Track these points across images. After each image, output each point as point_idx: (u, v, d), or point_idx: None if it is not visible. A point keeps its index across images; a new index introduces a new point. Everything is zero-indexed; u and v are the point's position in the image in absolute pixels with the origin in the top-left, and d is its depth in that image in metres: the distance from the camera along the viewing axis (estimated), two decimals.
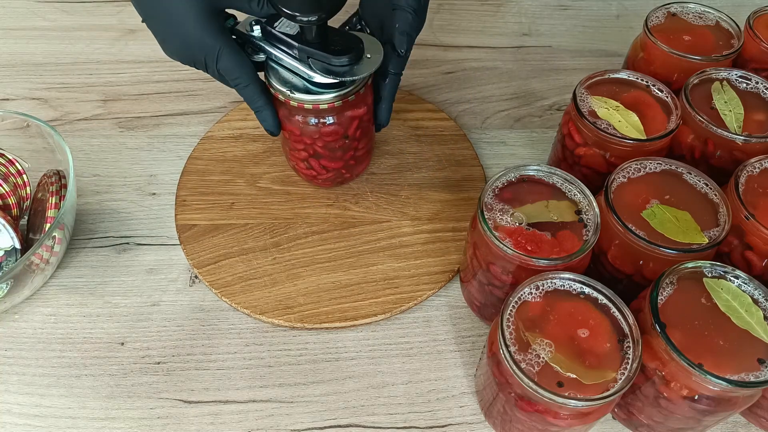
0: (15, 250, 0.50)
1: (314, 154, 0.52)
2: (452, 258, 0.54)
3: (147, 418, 0.46)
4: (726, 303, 0.39)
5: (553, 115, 0.67)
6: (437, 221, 0.57)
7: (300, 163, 0.55)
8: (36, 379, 0.48)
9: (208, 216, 0.57)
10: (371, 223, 0.57)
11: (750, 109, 0.50)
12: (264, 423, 0.46)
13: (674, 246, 0.41)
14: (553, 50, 0.75)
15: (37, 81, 0.69)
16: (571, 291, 0.40)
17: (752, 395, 0.38)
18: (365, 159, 0.57)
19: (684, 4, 0.59)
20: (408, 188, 0.59)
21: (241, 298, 0.51)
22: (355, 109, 0.50)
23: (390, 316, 0.51)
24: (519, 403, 0.38)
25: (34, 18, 0.77)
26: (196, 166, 0.61)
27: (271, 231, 0.56)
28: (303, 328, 0.50)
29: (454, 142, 0.63)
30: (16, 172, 0.54)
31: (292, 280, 0.52)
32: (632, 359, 0.36)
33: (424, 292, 0.52)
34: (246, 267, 0.53)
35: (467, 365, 0.49)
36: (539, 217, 0.43)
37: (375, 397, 0.47)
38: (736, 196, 0.43)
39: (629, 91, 0.51)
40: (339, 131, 0.50)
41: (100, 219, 0.57)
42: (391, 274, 0.53)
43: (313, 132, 0.50)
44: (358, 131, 0.51)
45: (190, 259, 0.54)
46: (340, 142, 0.52)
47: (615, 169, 0.46)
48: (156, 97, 0.68)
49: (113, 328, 0.50)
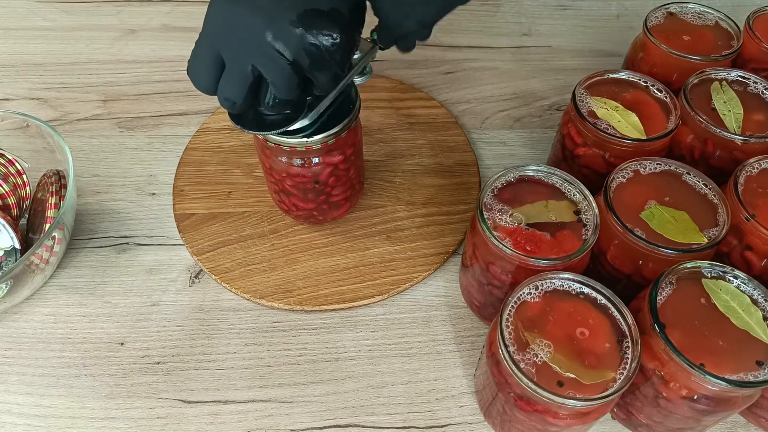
0: (15, 250, 0.51)
1: (284, 190, 0.50)
2: (446, 240, 0.55)
3: (147, 418, 0.46)
4: (725, 303, 0.39)
5: (553, 115, 0.67)
6: (431, 205, 0.58)
7: (274, 195, 0.53)
8: (36, 379, 0.48)
9: (206, 205, 0.57)
10: (367, 208, 0.57)
11: (749, 110, 0.50)
12: (263, 423, 0.46)
13: (673, 246, 0.41)
14: (552, 50, 0.75)
15: (37, 81, 0.69)
16: (571, 291, 0.40)
17: (751, 395, 0.38)
18: (343, 205, 0.54)
19: (683, 4, 0.59)
20: (402, 174, 0.60)
21: (241, 284, 0.52)
22: (328, 157, 0.47)
23: (387, 297, 0.52)
24: (518, 403, 0.38)
25: (34, 18, 0.77)
26: (192, 157, 0.61)
27: (268, 218, 0.56)
28: (302, 310, 0.51)
29: (446, 128, 0.64)
30: (15, 172, 0.54)
31: (290, 265, 0.53)
32: (631, 359, 0.36)
33: (420, 274, 0.53)
34: (245, 253, 0.54)
35: (467, 365, 0.49)
36: (538, 217, 0.43)
37: (374, 397, 0.47)
38: (736, 197, 0.43)
39: (629, 91, 0.51)
40: (308, 175, 0.48)
41: (100, 219, 0.58)
42: (388, 257, 0.54)
43: (281, 170, 0.48)
44: (331, 178, 0.49)
45: (189, 247, 0.54)
46: (310, 186, 0.49)
47: (614, 169, 0.46)
48: (156, 97, 0.68)
49: (113, 328, 0.50)
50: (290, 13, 0.37)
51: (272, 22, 0.37)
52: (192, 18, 0.77)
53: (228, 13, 0.38)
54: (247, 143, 0.62)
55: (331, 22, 0.38)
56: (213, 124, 0.64)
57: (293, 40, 0.37)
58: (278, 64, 0.38)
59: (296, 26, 0.37)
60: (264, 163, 0.50)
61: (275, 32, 0.37)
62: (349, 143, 0.48)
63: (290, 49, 0.37)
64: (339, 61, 0.39)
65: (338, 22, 0.38)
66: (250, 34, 0.37)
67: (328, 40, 0.38)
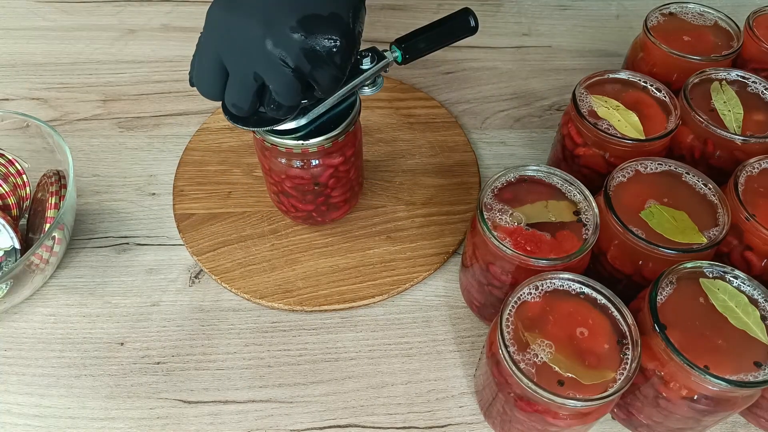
0: (15, 250, 0.50)
1: (283, 191, 0.50)
2: (447, 240, 0.55)
3: (147, 418, 0.46)
4: (722, 303, 0.39)
5: (553, 115, 0.67)
6: (431, 205, 0.58)
7: (273, 196, 0.54)
8: (36, 379, 0.48)
9: (206, 205, 0.57)
10: (366, 208, 0.57)
11: (749, 110, 0.50)
12: (263, 423, 0.46)
13: (673, 246, 0.41)
14: (552, 50, 0.75)
15: (37, 81, 0.69)
16: (571, 291, 0.40)
17: (751, 395, 0.38)
18: (342, 207, 0.54)
19: (683, 4, 0.59)
20: (402, 174, 0.60)
21: (241, 284, 0.52)
22: (328, 158, 0.47)
23: (387, 297, 0.52)
24: (518, 403, 0.38)
25: (34, 18, 0.77)
26: (192, 157, 0.61)
27: (268, 218, 0.56)
28: (302, 310, 0.51)
29: (446, 128, 0.64)
30: (15, 172, 0.54)
31: (290, 265, 0.53)
32: (631, 359, 0.36)
33: (420, 274, 0.53)
34: (245, 253, 0.54)
35: (467, 365, 0.49)
36: (538, 217, 0.43)
37: (374, 397, 0.47)
38: (736, 197, 0.43)
39: (629, 91, 0.51)
40: (307, 177, 0.48)
41: (100, 219, 0.57)
42: (388, 257, 0.54)
43: (280, 171, 0.48)
44: (331, 180, 0.49)
45: (189, 247, 0.54)
46: (309, 187, 0.49)
47: (614, 169, 0.46)
48: (156, 97, 0.68)
49: (113, 328, 0.50)
50: (290, 19, 0.37)
51: (272, 29, 0.37)
52: (192, 18, 0.77)
53: (228, 21, 0.38)
54: (247, 143, 0.62)
55: (331, 27, 0.38)
56: (213, 124, 0.64)
57: (294, 46, 0.37)
58: (280, 71, 0.38)
59: (296, 32, 0.37)
60: (263, 165, 0.50)
61: (276, 39, 0.37)
62: (349, 144, 0.48)
63: (291, 55, 0.37)
64: (340, 64, 0.39)
65: (338, 26, 0.38)
66: (251, 41, 0.37)
67: (328, 44, 0.38)
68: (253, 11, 0.38)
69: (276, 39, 0.37)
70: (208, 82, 0.41)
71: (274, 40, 0.37)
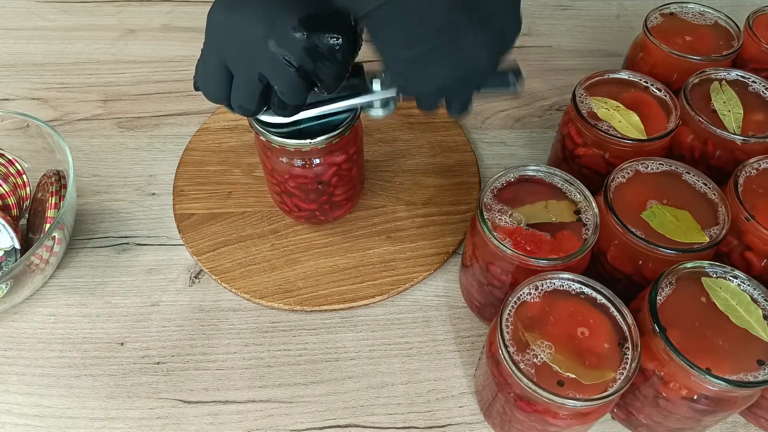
0: (15, 250, 0.51)
1: (286, 191, 0.50)
2: (447, 240, 0.55)
3: (147, 418, 0.46)
4: (724, 302, 0.39)
5: (553, 115, 0.67)
6: (431, 205, 0.58)
7: (275, 196, 0.54)
8: (36, 379, 0.48)
9: (206, 205, 0.57)
10: (367, 208, 0.57)
11: (749, 110, 0.50)
12: (263, 423, 0.46)
13: (673, 246, 0.41)
14: (553, 50, 0.75)
15: (37, 81, 0.69)
16: (570, 291, 0.40)
17: (751, 395, 0.38)
18: (345, 205, 0.54)
19: (684, 4, 0.59)
20: (402, 174, 0.60)
21: (241, 284, 0.52)
22: (331, 157, 0.47)
23: (387, 297, 0.52)
24: (518, 403, 0.38)
25: (34, 18, 0.77)
26: (192, 157, 0.61)
27: (268, 219, 0.56)
28: (302, 310, 0.51)
29: (446, 128, 0.64)
30: (15, 172, 0.54)
31: (290, 265, 0.53)
32: (631, 359, 0.36)
33: (420, 274, 0.53)
34: (245, 253, 0.54)
35: (467, 365, 0.49)
36: (538, 217, 0.43)
37: (374, 397, 0.47)
38: (736, 197, 0.43)
39: (629, 91, 0.51)
40: (310, 176, 0.48)
41: (100, 219, 0.58)
42: (388, 257, 0.54)
43: (283, 171, 0.48)
44: (334, 178, 0.49)
45: (189, 247, 0.54)
46: (313, 186, 0.49)
47: (614, 169, 0.46)
48: (156, 97, 0.68)
49: (113, 328, 0.50)
50: (291, 19, 0.37)
51: (274, 30, 0.37)
52: (192, 18, 0.78)
53: (229, 23, 0.38)
54: (247, 143, 0.62)
55: (332, 24, 0.38)
56: (213, 124, 0.64)
57: (296, 45, 0.37)
58: (284, 71, 0.38)
59: (298, 31, 0.37)
60: (266, 165, 0.50)
61: (278, 39, 0.37)
62: (352, 142, 0.48)
63: (294, 54, 0.37)
64: (342, 60, 0.39)
65: (340, 23, 0.38)
66: (254, 42, 0.37)
67: (330, 42, 0.38)
68: (254, 12, 0.38)
69: (279, 39, 0.37)
70: (212, 85, 0.41)
71: (276, 39, 0.37)
